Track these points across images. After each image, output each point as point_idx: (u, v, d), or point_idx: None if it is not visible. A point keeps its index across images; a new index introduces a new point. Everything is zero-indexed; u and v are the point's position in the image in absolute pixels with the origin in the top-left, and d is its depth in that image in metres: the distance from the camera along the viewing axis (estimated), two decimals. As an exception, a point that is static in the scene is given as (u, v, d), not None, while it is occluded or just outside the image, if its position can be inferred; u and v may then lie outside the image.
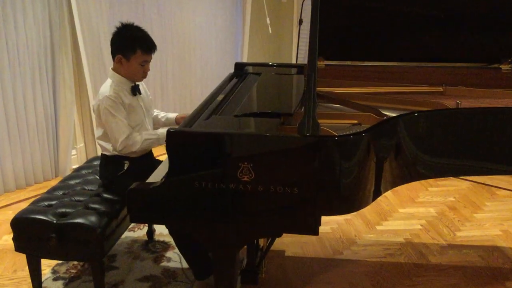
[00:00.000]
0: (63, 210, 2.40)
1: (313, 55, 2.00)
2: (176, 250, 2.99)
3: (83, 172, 2.88)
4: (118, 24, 2.48)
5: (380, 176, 1.95)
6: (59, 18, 3.73)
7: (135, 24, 2.51)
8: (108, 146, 2.55)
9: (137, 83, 2.57)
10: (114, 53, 2.49)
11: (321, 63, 3.07)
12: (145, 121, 2.60)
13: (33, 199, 3.64)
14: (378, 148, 1.94)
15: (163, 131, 2.55)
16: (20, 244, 2.36)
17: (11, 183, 3.77)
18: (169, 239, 3.12)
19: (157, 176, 2.15)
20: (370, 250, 3.08)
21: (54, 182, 3.93)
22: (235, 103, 2.29)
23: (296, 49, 5.59)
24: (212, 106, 2.29)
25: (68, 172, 4.04)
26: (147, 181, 2.09)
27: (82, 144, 4.29)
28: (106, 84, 2.51)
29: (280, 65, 3.26)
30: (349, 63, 3.11)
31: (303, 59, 5.85)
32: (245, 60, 5.55)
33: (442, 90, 2.86)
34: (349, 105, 2.52)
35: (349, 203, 1.88)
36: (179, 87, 4.92)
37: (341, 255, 3.03)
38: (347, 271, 2.86)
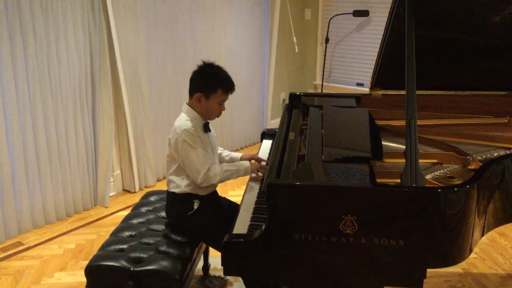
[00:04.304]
0: (136, 255, 2.33)
1: (412, 100, 1.95)
2: (235, 286, 2.96)
3: (143, 210, 2.82)
4: (200, 63, 2.47)
5: (484, 220, 1.92)
6: (100, 46, 3.67)
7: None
8: (181, 182, 2.49)
9: (208, 120, 2.53)
10: (194, 91, 2.47)
11: (378, 93, 3.02)
12: (214, 159, 2.56)
13: (76, 230, 3.64)
14: (485, 191, 1.90)
15: (243, 163, 2.55)
16: (94, 292, 2.29)
17: (52, 214, 3.69)
18: (225, 274, 3.06)
19: (242, 225, 2.09)
20: (431, 283, 3.03)
21: (93, 212, 3.91)
22: (314, 144, 2.23)
23: (323, 67, 5.58)
24: (292, 148, 2.23)
25: (108, 201, 3.99)
26: (234, 231, 2.04)
27: (119, 171, 4.22)
28: (181, 118, 2.47)
29: (333, 95, 3.22)
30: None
31: (328, 76, 5.85)
32: (271, 78, 5.54)
33: (506, 121, 2.82)
34: (424, 142, 2.47)
35: (457, 253, 1.84)
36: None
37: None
38: (414, 306, 2.81)
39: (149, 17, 4.05)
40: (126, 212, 3.82)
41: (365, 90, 5.33)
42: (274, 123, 5.74)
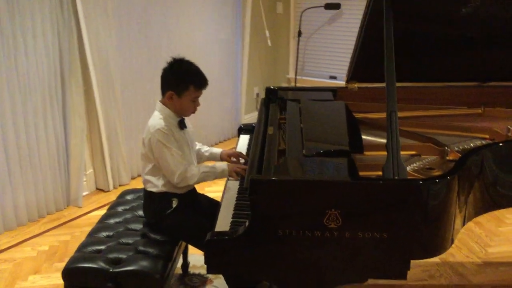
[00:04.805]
0: (115, 256, 2.28)
1: (392, 93, 1.96)
2: (215, 283, 2.93)
3: (119, 209, 2.75)
4: (170, 59, 2.39)
5: (465, 210, 1.94)
6: (69, 43, 3.58)
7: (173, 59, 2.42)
8: (157, 182, 2.44)
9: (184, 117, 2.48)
10: (165, 89, 2.39)
11: (354, 86, 3.02)
12: (191, 157, 2.51)
13: (49, 232, 3.55)
14: (465, 182, 1.92)
15: (220, 165, 2.47)
16: (73, 295, 2.23)
17: (24, 216, 3.59)
18: (205, 272, 2.98)
19: (223, 222, 2.06)
20: (409, 273, 3.01)
21: (66, 212, 3.83)
22: (294, 139, 2.21)
23: (296, 60, 5.58)
24: (272, 143, 2.21)
25: (81, 201, 3.90)
26: (216, 229, 2.01)
27: (91, 170, 4.13)
28: (155, 117, 2.41)
29: (310, 89, 3.22)
30: (381, 85, 3.06)
31: (302, 70, 5.84)
32: (245, 73, 5.49)
33: (481, 111, 2.86)
34: (401, 134, 2.47)
35: (440, 244, 1.85)
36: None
37: (381, 280, 2.99)
38: (394, 297, 2.84)
39: (120, 13, 3.96)
40: (100, 212, 3.77)
41: (338, 83, 5.37)
42: (248, 118, 5.71)
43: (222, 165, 2.46)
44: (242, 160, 2.64)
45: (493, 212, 3.69)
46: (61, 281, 2.35)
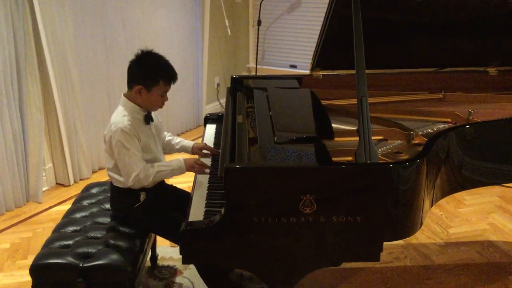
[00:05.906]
0: (84, 250, 2.22)
1: (362, 78, 1.98)
2: (185, 274, 2.92)
3: (85, 203, 2.69)
4: (138, 52, 2.31)
5: (433, 190, 2.00)
6: (24, 34, 3.44)
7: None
8: (121, 178, 2.38)
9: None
10: (133, 83, 2.30)
11: (318, 74, 3.05)
12: (157, 152, 2.45)
13: (10, 229, 3.44)
14: (433, 165, 1.97)
15: (177, 162, 2.40)
16: (41, 292, 2.16)
17: (-18, 214, 3.46)
18: (174, 263, 3.01)
19: (196, 212, 2.04)
20: (376, 256, 3.12)
21: (26, 209, 3.71)
22: (265, 127, 2.20)
23: (256, 49, 5.57)
24: (242, 131, 2.21)
25: (41, 196, 3.79)
26: (189, 219, 1.98)
27: (51, 165, 4.01)
28: (118, 114, 2.32)
29: (276, 77, 3.21)
30: (344, 72, 3.10)
31: (262, 59, 5.84)
32: (205, 62, 5.44)
33: (441, 96, 2.94)
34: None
35: (410, 226, 1.90)
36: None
37: (350, 263, 3.05)
38: (362, 279, 2.89)
39: (76, 2, 3.83)
40: (61, 207, 3.68)
41: (299, 71, 5.41)
42: (209, 108, 5.68)
43: (178, 161, 2.39)
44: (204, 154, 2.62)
45: (453, 194, 3.84)
46: (25, 279, 2.29)
